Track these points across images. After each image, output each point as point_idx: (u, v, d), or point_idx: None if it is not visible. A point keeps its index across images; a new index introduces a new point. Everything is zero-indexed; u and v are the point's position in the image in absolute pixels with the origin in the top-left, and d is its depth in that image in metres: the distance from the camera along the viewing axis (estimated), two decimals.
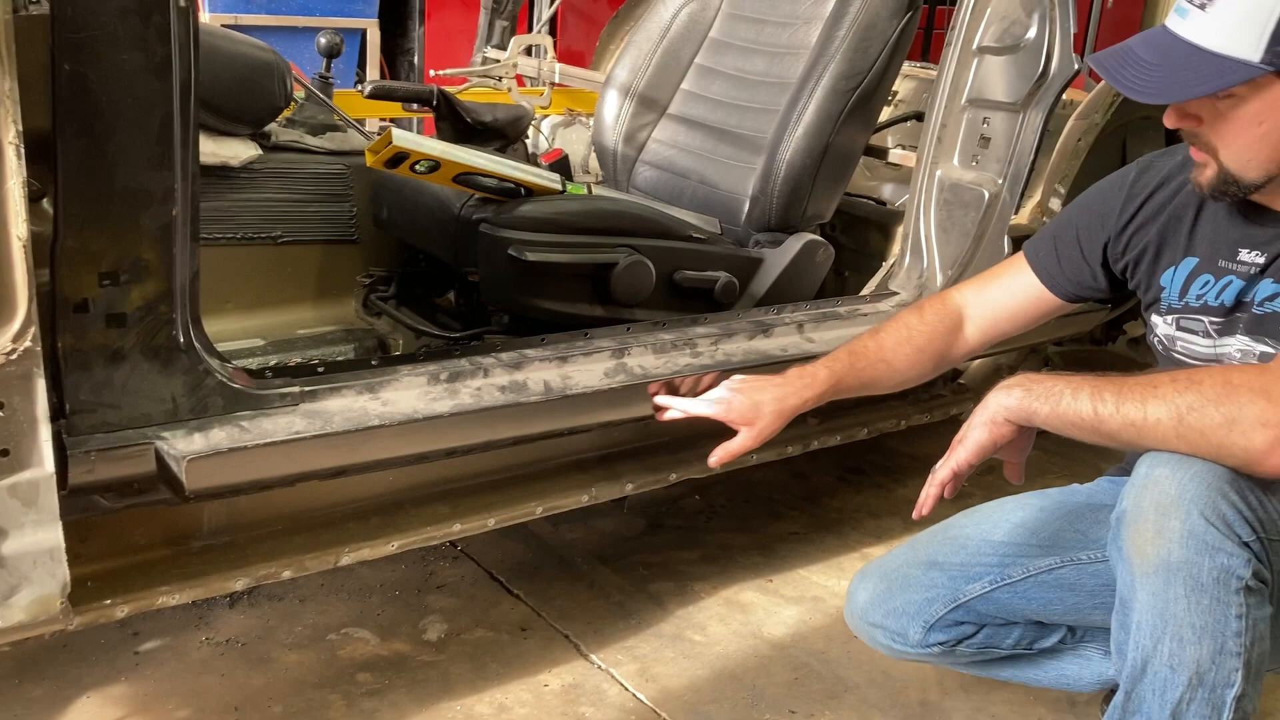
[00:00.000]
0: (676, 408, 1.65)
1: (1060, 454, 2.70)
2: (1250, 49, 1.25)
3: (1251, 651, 1.22)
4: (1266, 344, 1.40)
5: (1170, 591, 1.22)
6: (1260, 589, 1.23)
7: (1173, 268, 1.50)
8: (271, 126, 2.14)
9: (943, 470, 1.42)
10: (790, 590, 2.22)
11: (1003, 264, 1.74)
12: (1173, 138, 2.57)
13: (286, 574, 1.63)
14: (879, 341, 1.66)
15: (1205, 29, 1.28)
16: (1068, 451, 1.93)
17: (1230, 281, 1.43)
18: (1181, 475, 1.24)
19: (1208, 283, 1.46)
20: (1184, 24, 1.30)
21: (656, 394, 1.68)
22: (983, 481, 2.10)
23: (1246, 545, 1.21)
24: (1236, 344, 1.44)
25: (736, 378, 1.63)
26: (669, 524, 2.46)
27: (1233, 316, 1.44)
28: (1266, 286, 1.40)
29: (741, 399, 1.58)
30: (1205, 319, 1.47)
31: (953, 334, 1.67)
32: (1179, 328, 1.51)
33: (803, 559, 2.34)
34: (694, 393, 1.67)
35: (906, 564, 1.66)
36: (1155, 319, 1.55)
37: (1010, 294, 1.68)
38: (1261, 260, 1.40)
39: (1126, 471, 1.66)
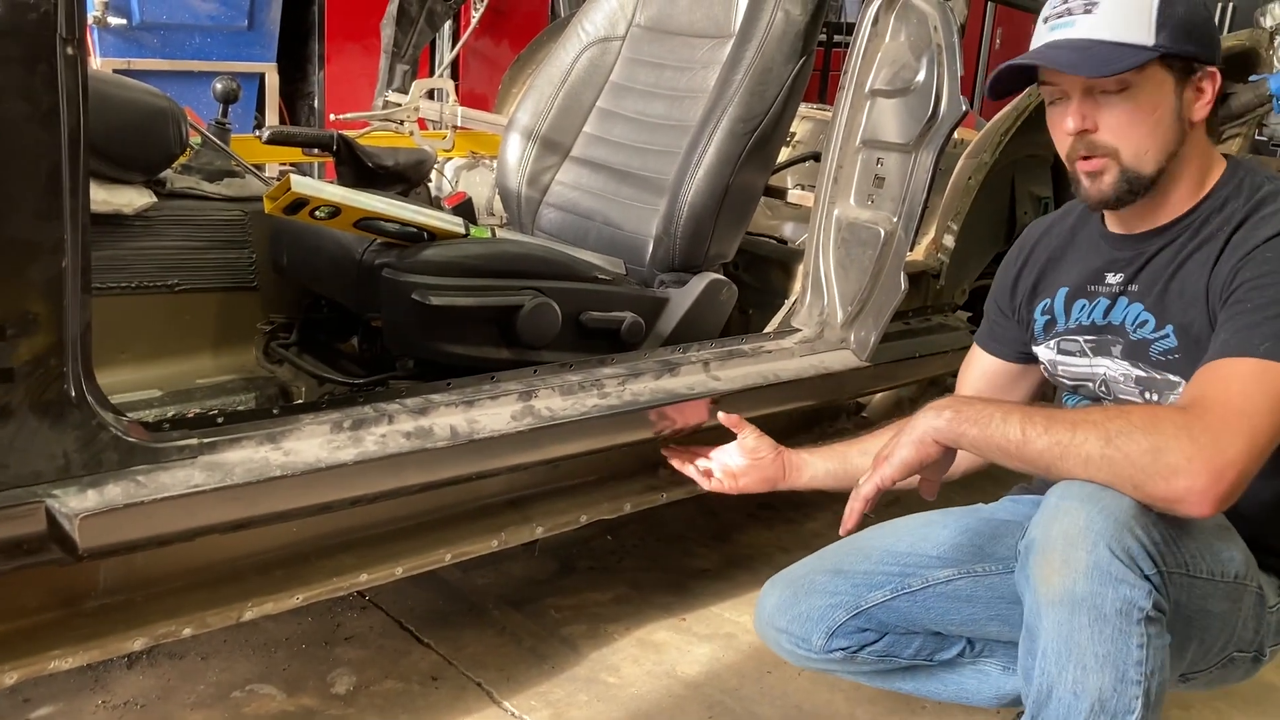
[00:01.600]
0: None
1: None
2: (1145, 34, 1.40)
3: (1151, 680, 1.26)
4: (1140, 368, 1.50)
5: (1075, 621, 1.26)
6: (1160, 619, 1.27)
7: (1047, 299, 1.63)
8: (167, 173, 2.10)
9: (867, 486, 1.45)
10: (703, 628, 2.23)
11: (964, 362, 1.87)
12: (1059, 175, 2.69)
13: (187, 631, 1.58)
14: (878, 431, 1.79)
15: (1100, 26, 1.41)
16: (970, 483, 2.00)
17: (1099, 302, 1.55)
18: (1090, 508, 1.27)
19: (1083, 305, 1.57)
20: (1076, 29, 1.43)
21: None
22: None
23: (1148, 578, 1.25)
24: (1115, 366, 1.53)
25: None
26: (581, 566, 2.45)
27: (1103, 336, 1.55)
28: (1137, 311, 1.50)
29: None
30: (1080, 338, 1.58)
31: None
32: (1060, 351, 1.61)
33: (715, 596, 2.35)
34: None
35: (812, 571, 1.71)
36: (1037, 350, 1.65)
37: (976, 382, 1.81)
38: (1121, 280, 1.53)
39: (1028, 491, 1.73)
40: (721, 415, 1.88)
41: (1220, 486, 1.22)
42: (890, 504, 1.65)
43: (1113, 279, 1.54)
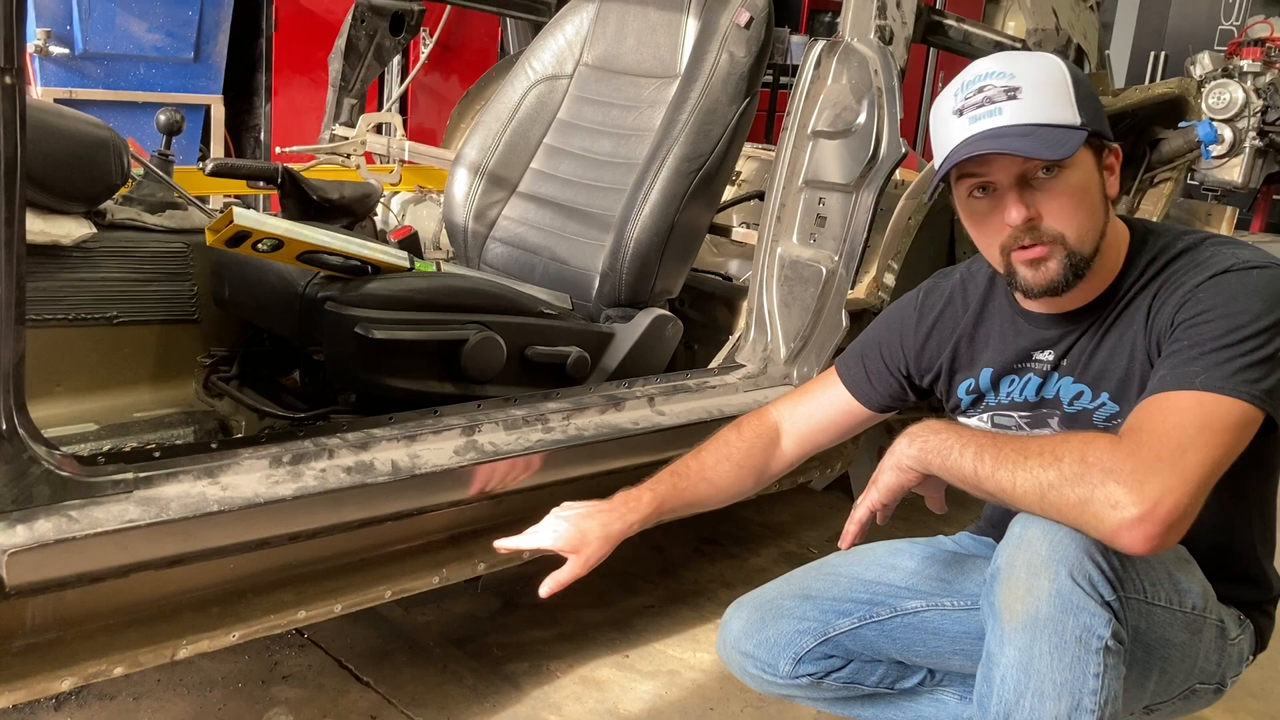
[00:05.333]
0: (510, 544, 1.66)
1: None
2: (1071, 114, 1.39)
3: (1105, 710, 1.27)
4: None
5: (1036, 648, 1.27)
6: (1118, 650, 1.28)
7: (971, 379, 1.63)
8: (107, 204, 2.08)
9: (860, 510, 1.49)
10: (646, 665, 2.22)
11: (817, 379, 1.84)
12: (954, 233, 2.72)
13: (119, 671, 1.54)
14: (700, 460, 1.73)
15: (1030, 110, 1.38)
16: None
17: (1030, 379, 1.56)
18: (1052, 536, 1.30)
19: (1013, 381, 1.58)
20: (1005, 117, 1.39)
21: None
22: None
23: (1108, 604, 1.27)
24: None
25: (565, 505, 1.66)
26: (524, 603, 2.43)
27: (1039, 411, 1.56)
28: (1069, 385, 1.52)
29: (568, 527, 1.61)
30: (1015, 414, 1.59)
31: (770, 448, 1.75)
32: (993, 425, 1.62)
33: (659, 632, 2.35)
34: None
35: (780, 595, 1.70)
36: (965, 420, 1.66)
37: (824, 409, 1.77)
38: (1052, 357, 1.54)
39: (984, 531, 1.75)
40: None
41: (1153, 523, 1.23)
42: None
43: (1042, 356, 1.55)
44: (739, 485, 1.75)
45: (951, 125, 1.44)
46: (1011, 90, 1.39)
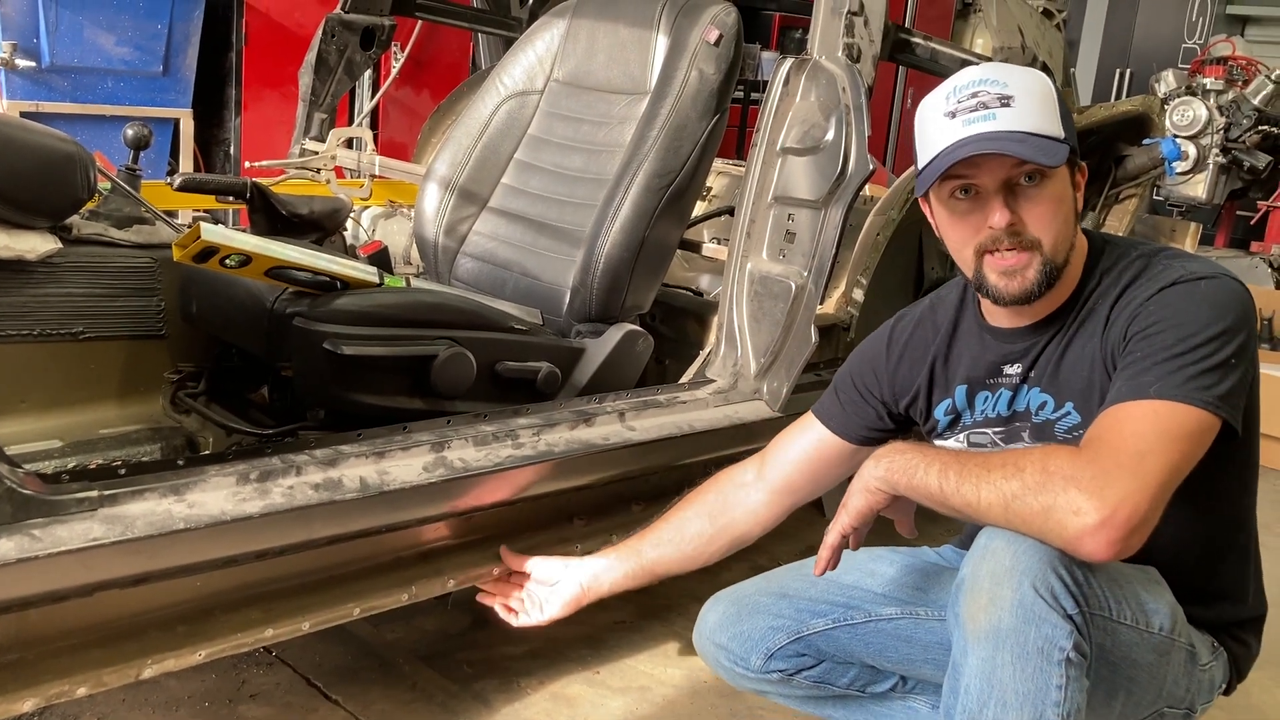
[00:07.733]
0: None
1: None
2: (1056, 127, 1.43)
3: None
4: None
5: (998, 658, 1.28)
6: (1080, 662, 1.29)
7: (948, 399, 1.65)
8: (74, 219, 2.06)
9: (832, 535, 1.51)
10: (617, 681, 2.22)
11: (788, 429, 1.83)
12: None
13: (82, 691, 1.52)
14: (669, 513, 1.79)
15: (1022, 119, 1.42)
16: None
17: (1002, 393, 1.58)
18: (1016, 548, 1.31)
19: (986, 397, 1.60)
20: (998, 123, 1.42)
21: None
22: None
23: (1070, 617, 1.28)
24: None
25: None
26: (494, 619, 2.41)
27: (1012, 425, 1.58)
28: (1037, 396, 1.54)
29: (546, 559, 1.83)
30: (990, 430, 1.60)
31: (739, 491, 1.79)
32: (970, 444, 1.63)
33: (630, 648, 2.34)
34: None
35: (758, 591, 1.74)
36: (943, 443, 1.67)
37: (801, 449, 1.77)
38: (1020, 370, 1.56)
39: (965, 545, 1.76)
40: (503, 551, 1.93)
41: (1114, 527, 1.25)
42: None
43: (1011, 370, 1.57)
44: (697, 524, 1.79)
45: (944, 126, 1.46)
46: (1005, 98, 1.43)
